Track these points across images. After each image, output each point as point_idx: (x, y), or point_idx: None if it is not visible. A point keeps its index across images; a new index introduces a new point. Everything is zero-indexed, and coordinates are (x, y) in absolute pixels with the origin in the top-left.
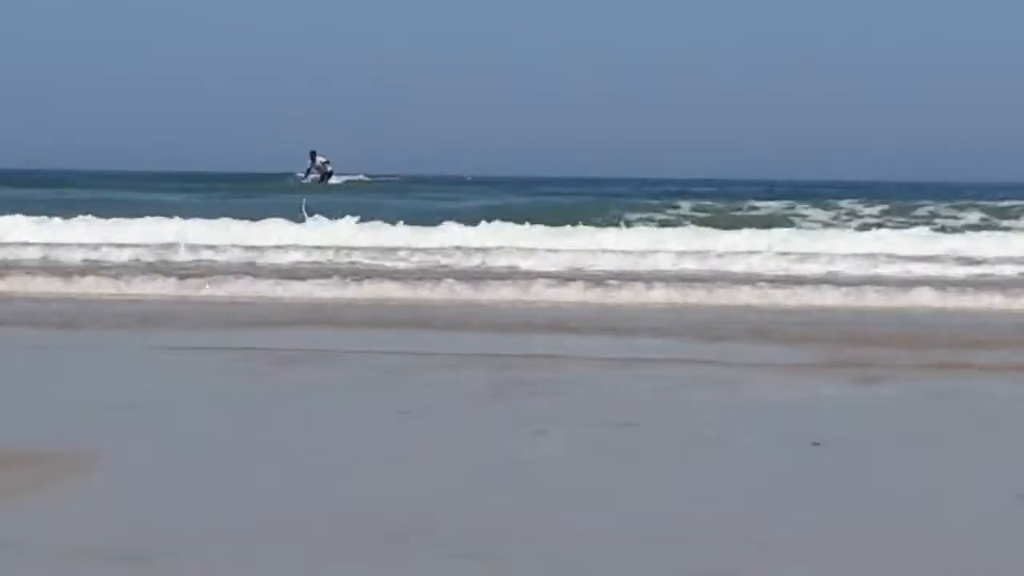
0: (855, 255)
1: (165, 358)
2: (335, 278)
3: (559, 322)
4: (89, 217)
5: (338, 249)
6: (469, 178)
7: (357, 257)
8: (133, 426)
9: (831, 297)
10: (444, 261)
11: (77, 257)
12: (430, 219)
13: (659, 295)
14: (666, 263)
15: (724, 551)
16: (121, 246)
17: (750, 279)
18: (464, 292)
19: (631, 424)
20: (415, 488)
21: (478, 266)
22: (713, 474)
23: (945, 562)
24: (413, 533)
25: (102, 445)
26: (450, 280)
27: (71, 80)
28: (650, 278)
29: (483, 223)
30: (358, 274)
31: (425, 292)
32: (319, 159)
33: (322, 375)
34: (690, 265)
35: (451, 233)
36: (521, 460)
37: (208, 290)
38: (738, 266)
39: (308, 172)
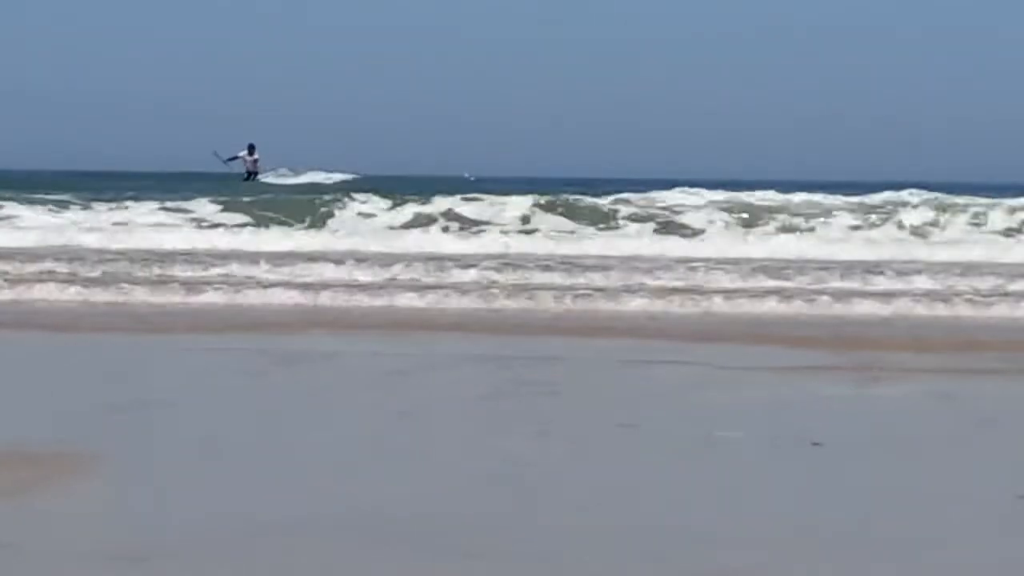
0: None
1: (165, 359)
2: None
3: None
4: None
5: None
6: (472, 178)
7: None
8: (133, 426)
9: None
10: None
11: None
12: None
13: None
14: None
15: (724, 551)
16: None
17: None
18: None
19: (631, 424)
20: (415, 488)
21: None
22: (713, 474)
23: (945, 562)
24: (413, 533)
25: (102, 445)
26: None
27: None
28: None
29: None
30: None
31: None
32: (256, 154)
33: (323, 376)
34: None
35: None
36: (522, 460)
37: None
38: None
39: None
